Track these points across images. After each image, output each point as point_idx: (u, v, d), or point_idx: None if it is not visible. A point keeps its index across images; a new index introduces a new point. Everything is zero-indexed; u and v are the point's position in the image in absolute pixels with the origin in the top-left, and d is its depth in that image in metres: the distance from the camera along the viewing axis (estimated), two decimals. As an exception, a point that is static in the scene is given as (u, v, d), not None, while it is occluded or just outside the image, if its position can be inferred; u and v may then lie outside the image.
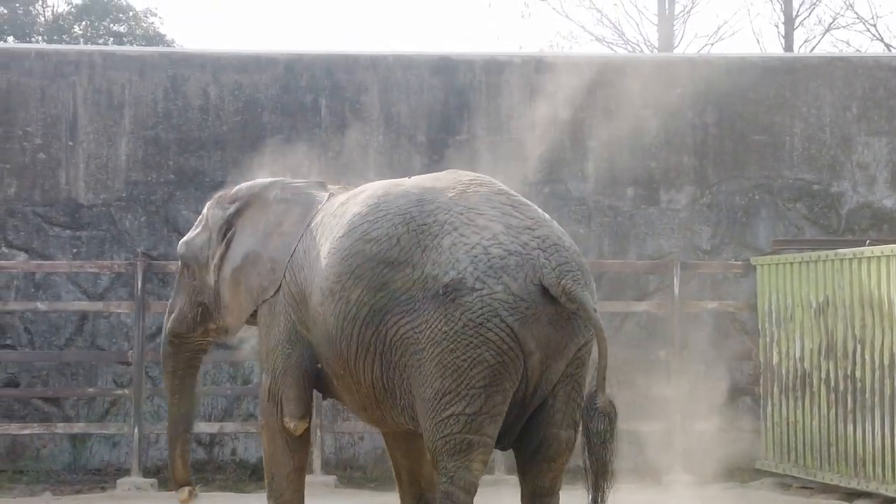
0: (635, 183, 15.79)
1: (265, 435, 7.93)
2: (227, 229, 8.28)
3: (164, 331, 8.88)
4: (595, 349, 6.94)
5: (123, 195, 15.37)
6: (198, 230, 8.64)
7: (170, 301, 8.91)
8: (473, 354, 6.62)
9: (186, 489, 8.86)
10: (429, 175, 7.57)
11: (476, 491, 6.79)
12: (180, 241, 8.81)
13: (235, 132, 15.57)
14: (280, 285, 7.73)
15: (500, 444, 7.02)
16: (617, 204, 15.77)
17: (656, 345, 14.72)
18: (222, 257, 8.25)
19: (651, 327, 15.20)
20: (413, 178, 7.55)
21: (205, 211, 8.69)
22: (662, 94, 15.75)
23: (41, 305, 14.56)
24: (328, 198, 7.96)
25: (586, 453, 6.84)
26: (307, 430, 7.79)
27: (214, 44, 50.57)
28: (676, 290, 14.29)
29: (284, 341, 7.68)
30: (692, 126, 15.86)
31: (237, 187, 8.54)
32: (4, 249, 15.27)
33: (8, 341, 15.17)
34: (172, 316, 8.73)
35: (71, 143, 15.45)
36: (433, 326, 6.69)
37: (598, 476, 6.80)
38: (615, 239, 15.68)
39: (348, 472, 14.62)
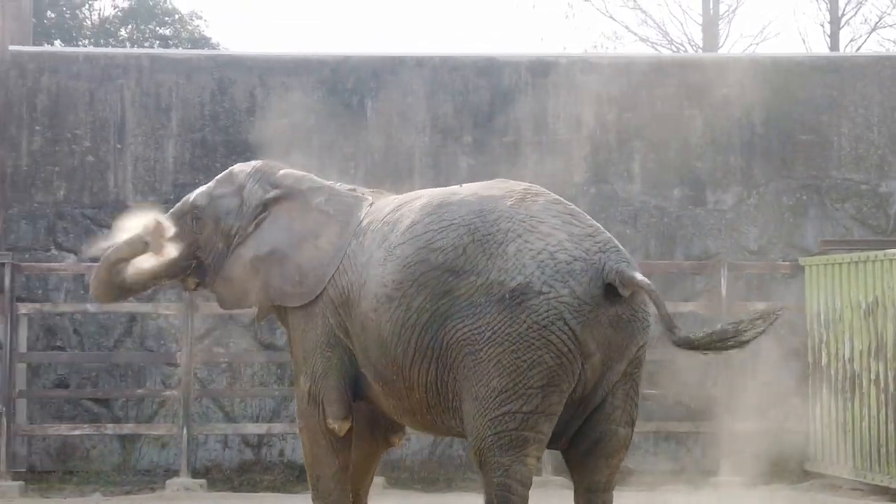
0: (682, 183, 15.75)
1: (306, 437, 7.95)
2: (262, 211, 8.24)
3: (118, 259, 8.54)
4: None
5: (171, 197, 15.43)
6: (226, 191, 8.39)
7: None
8: (534, 356, 6.75)
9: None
10: (480, 184, 7.61)
11: (531, 485, 6.87)
12: (200, 191, 8.53)
13: (282, 134, 15.61)
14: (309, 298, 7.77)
15: (558, 441, 7.11)
16: (663, 204, 15.73)
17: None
18: (247, 236, 8.21)
19: (698, 328, 15.12)
20: (465, 186, 7.59)
21: (241, 178, 8.43)
22: (708, 94, 15.71)
23: (91, 307, 14.64)
24: (369, 206, 7.95)
25: None
26: (350, 430, 7.83)
27: (260, 46, 50.68)
28: (723, 291, 14.24)
29: (323, 344, 7.72)
30: (739, 126, 15.80)
31: (283, 172, 8.38)
32: (54, 251, 15.39)
33: (58, 342, 15.28)
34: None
35: (119, 146, 15.56)
36: (495, 328, 6.80)
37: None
38: (662, 240, 15.64)
39: (396, 473, 14.63)
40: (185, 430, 13.96)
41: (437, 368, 7.07)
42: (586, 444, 7.06)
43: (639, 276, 6.90)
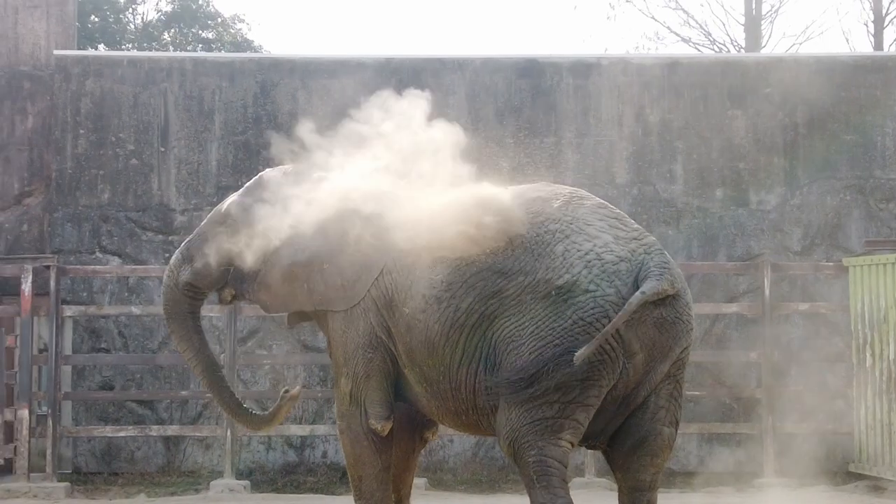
0: (724, 184, 15.70)
1: (347, 439, 7.96)
2: (295, 216, 8.21)
3: (174, 279, 8.60)
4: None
5: (214, 200, 15.50)
6: (258, 197, 8.41)
7: (185, 248, 8.62)
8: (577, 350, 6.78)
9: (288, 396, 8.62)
10: (525, 186, 7.64)
11: (568, 465, 6.91)
12: (232, 200, 8.49)
13: (324, 136, 15.64)
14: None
15: (599, 439, 7.15)
16: (706, 205, 15.68)
17: (747, 346, 14.62)
18: (283, 241, 8.18)
19: (742, 329, 15.10)
20: (511, 188, 7.61)
21: (272, 184, 8.36)
22: (751, 94, 15.66)
23: (135, 309, 14.76)
24: (405, 204, 7.93)
25: None
26: (391, 431, 7.86)
27: (302, 49, 50.83)
28: (767, 292, 14.18)
29: (365, 346, 7.74)
30: (782, 126, 15.73)
31: (315, 175, 8.36)
32: (99, 254, 15.50)
33: (103, 345, 15.38)
34: (194, 268, 8.50)
35: (162, 149, 15.65)
36: (539, 323, 6.88)
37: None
38: (704, 240, 15.59)
39: (438, 475, 14.66)
40: (228, 432, 14.02)
41: (486, 368, 7.11)
42: (630, 443, 7.10)
43: (684, 309, 6.93)
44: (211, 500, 13.28)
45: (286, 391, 8.51)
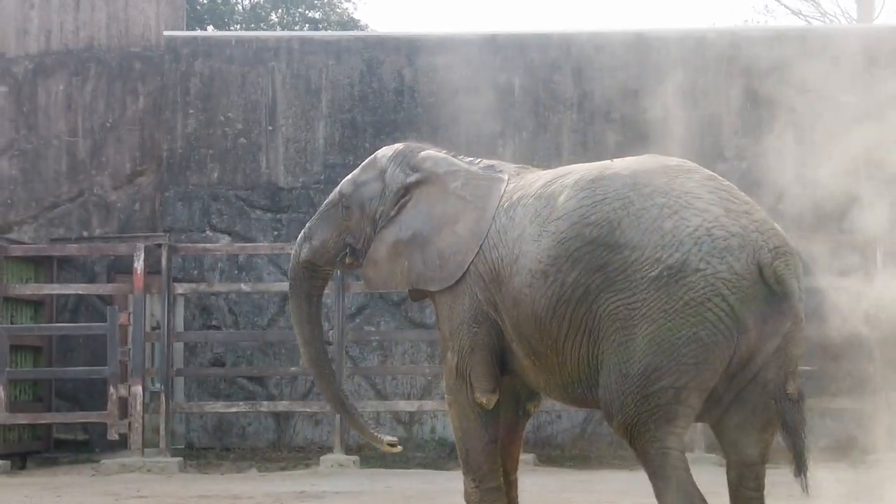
0: (834, 157, 15.46)
1: (455, 412, 8.02)
2: (404, 195, 8.32)
3: (297, 257, 8.81)
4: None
5: (322, 178, 15.65)
6: (369, 176, 8.53)
7: (307, 228, 8.74)
8: (689, 332, 6.73)
9: (386, 441, 8.87)
10: (633, 158, 7.57)
11: (685, 451, 6.89)
12: (346, 179, 8.60)
13: (430, 113, 15.72)
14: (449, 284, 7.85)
15: (708, 415, 7.08)
16: (816, 179, 15.46)
17: (860, 321, 14.41)
18: (389, 219, 8.32)
19: (854, 304, 14.88)
20: (618, 161, 7.56)
21: (383, 162, 8.53)
22: (863, 66, 15.41)
23: (245, 287, 14.92)
24: (508, 181, 7.96)
25: (782, 435, 6.94)
26: (497, 404, 7.89)
27: (408, 26, 50.88)
28: (879, 265, 13.96)
29: (470, 321, 7.77)
30: (891, 99, 15.45)
31: (423, 155, 8.41)
32: (209, 233, 15.69)
33: (213, 322, 15.58)
34: (313, 245, 8.62)
35: (270, 128, 15.79)
36: (651, 305, 6.80)
37: (797, 456, 6.93)
38: (814, 214, 15.37)
39: (546, 451, 14.66)
40: (339, 408, 14.11)
41: (590, 342, 7.09)
42: (738, 418, 7.03)
43: (795, 293, 6.82)
44: (321, 475, 13.40)
45: (390, 444, 8.73)
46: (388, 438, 8.80)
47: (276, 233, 15.61)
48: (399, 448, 8.87)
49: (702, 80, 15.57)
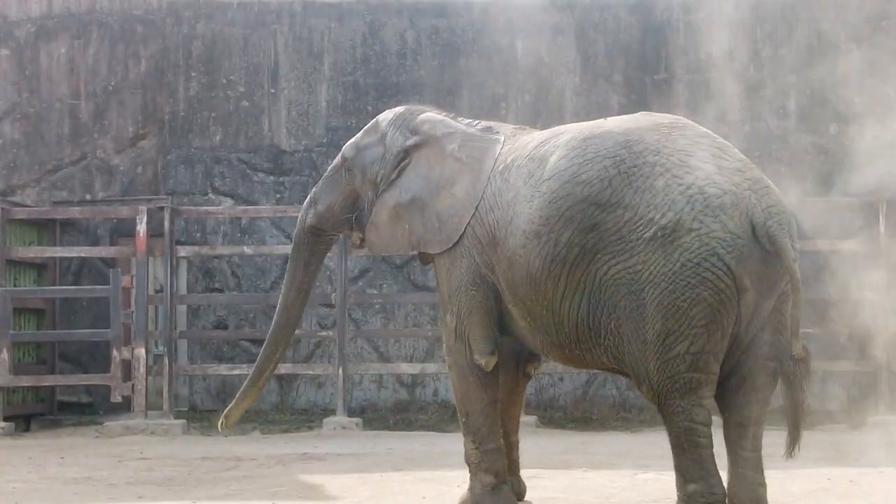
0: (838, 119, 15.44)
1: (454, 374, 8.06)
2: (404, 158, 8.33)
3: (303, 223, 8.79)
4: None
5: (324, 141, 15.64)
6: (371, 140, 8.57)
7: (313, 193, 8.77)
8: (692, 294, 6.70)
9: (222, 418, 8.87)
10: (627, 116, 7.54)
11: (711, 423, 6.87)
12: (349, 143, 8.67)
13: (433, 76, 15.69)
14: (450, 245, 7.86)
15: None
16: (820, 141, 15.45)
17: (862, 284, 14.41)
18: (390, 183, 8.33)
19: (856, 266, 14.87)
20: (611, 119, 7.53)
21: (384, 126, 8.55)
22: (865, 24, 15.34)
23: (247, 250, 14.92)
24: (504, 142, 7.96)
25: (784, 397, 6.92)
26: (497, 366, 7.91)
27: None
28: (882, 229, 13.96)
29: (468, 283, 7.79)
30: (898, 58, 15.41)
31: (421, 118, 8.42)
32: (211, 196, 15.69)
33: (216, 285, 15.60)
34: (318, 210, 8.65)
35: (273, 91, 15.77)
36: (651, 268, 6.77)
37: (795, 416, 6.91)
38: (818, 177, 15.36)
39: (548, 413, 14.69)
40: (340, 371, 14.16)
41: (590, 304, 7.07)
42: (735, 379, 7.03)
43: (789, 252, 6.75)
44: (324, 437, 13.44)
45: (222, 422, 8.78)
46: (230, 421, 8.76)
47: (278, 196, 15.61)
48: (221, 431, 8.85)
49: (705, 41, 15.50)
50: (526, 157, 7.61)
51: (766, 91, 15.45)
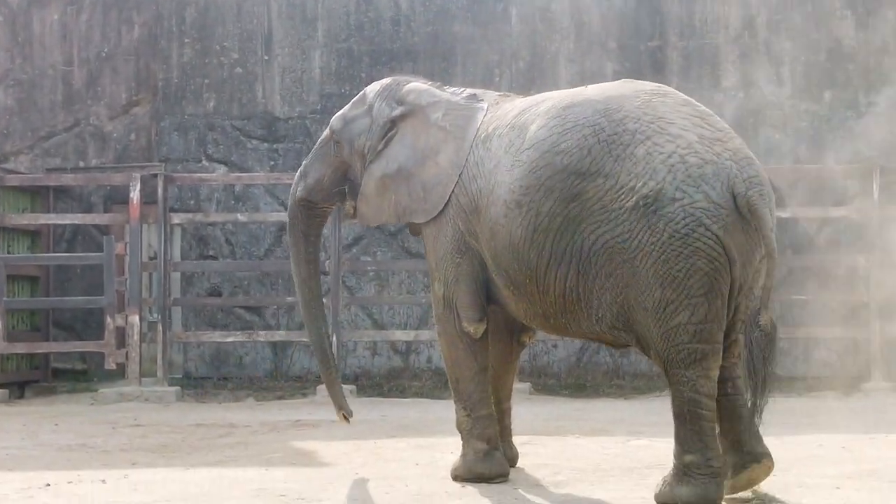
0: (833, 86, 15.42)
1: (444, 342, 8.10)
2: (390, 129, 8.34)
3: (294, 196, 8.78)
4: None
5: (318, 108, 15.61)
6: (358, 112, 8.59)
7: (303, 166, 8.82)
8: (687, 264, 6.68)
9: (343, 412, 8.99)
10: (607, 84, 7.53)
11: (716, 395, 6.86)
12: (336, 116, 8.71)
13: (427, 43, 15.65)
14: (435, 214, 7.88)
15: None
16: (814, 108, 15.43)
17: (855, 251, 14.44)
18: (377, 154, 8.34)
19: (850, 233, 14.90)
20: (591, 86, 7.52)
21: (370, 97, 8.56)
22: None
23: (241, 217, 14.92)
24: (487, 110, 7.95)
25: (747, 365, 6.91)
26: (486, 332, 7.93)
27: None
28: (876, 195, 13.96)
29: (453, 251, 7.82)
30: (893, 25, 15.38)
31: (407, 88, 8.43)
32: (205, 163, 15.67)
33: (210, 252, 15.60)
34: (308, 183, 8.69)
35: (266, 58, 15.72)
36: (639, 237, 6.75)
37: (757, 387, 6.89)
38: (812, 144, 15.35)
39: (542, 380, 14.72)
40: (334, 337, 14.13)
41: (578, 274, 7.04)
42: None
43: (768, 223, 6.72)
44: (318, 404, 13.46)
45: (345, 416, 8.98)
46: (347, 410, 8.89)
47: (272, 163, 15.60)
48: (349, 422, 9.00)
49: (699, 8, 15.47)
50: (507, 125, 7.60)
51: (760, 57, 15.42)
